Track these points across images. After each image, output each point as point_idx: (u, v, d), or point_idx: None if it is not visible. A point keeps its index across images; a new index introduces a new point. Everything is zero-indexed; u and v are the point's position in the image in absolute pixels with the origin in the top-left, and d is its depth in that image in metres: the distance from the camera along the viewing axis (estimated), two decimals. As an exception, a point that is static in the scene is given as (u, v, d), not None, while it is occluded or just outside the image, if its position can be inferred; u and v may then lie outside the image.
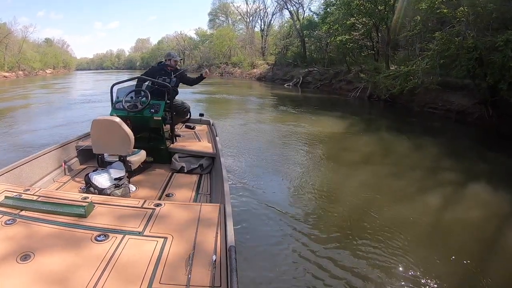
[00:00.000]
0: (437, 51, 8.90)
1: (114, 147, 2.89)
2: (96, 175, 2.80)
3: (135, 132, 2.99)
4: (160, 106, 3.64)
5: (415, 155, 6.17)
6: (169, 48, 63.86)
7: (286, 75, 26.00)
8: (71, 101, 14.27)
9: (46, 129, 7.99)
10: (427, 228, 3.42)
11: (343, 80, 18.22)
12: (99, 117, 2.89)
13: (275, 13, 40.52)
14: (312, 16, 30.38)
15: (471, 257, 2.88)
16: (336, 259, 2.84)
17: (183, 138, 4.36)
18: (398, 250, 2.94)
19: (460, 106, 9.78)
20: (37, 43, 54.85)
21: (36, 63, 46.14)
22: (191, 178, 3.51)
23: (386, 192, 4.33)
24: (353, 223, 3.47)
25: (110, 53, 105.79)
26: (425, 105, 11.13)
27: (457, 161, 5.70)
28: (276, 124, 8.99)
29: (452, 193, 4.37)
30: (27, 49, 44.23)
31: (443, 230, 3.39)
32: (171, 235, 1.81)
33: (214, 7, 52.62)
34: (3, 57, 36.81)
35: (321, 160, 5.80)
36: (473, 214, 3.74)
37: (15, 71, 39.11)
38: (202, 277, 1.49)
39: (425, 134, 7.71)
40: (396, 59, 15.08)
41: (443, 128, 8.93)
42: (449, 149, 6.52)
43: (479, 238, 3.25)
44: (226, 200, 2.22)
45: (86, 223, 1.90)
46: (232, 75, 37.36)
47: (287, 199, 4.17)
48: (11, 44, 39.11)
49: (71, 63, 69.75)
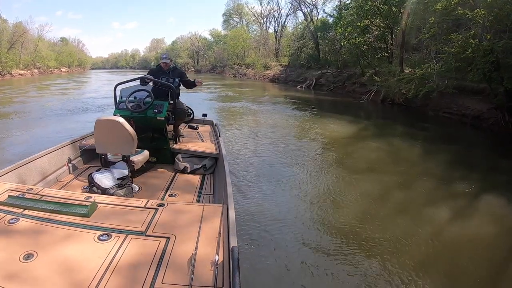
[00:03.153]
0: (452, 54, 8.67)
1: (117, 147, 2.89)
2: (99, 174, 2.82)
3: (138, 132, 3.00)
4: (164, 106, 3.64)
5: (428, 163, 5.94)
6: (183, 48, 64.55)
7: (299, 77, 25.90)
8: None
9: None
10: (436, 244, 3.22)
11: (356, 82, 18.07)
12: (103, 117, 2.90)
13: (289, 15, 40.42)
14: (326, 18, 30.20)
15: (481, 278, 2.72)
16: (337, 265, 2.83)
17: (186, 139, 4.38)
18: (403, 269, 2.79)
19: (476, 111, 9.58)
20: (53, 42, 55.92)
21: (51, 61, 47.08)
22: (194, 179, 3.51)
23: (395, 203, 4.21)
24: (357, 233, 3.38)
25: (125, 53, 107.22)
26: (439, 110, 10.92)
27: (471, 170, 5.48)
28: (286, 127, 9.00)
29: (464, 206, 4.15)
30: (42, 47, 45.03)
31: (452, 247, 3.19)
32: (173, 235, 1.82)
33: (228, 8, 52.95)
34: (18, 55, 37.51)
35: (329, 165, 5.73)
36: (486, 230, 3.52)
37: (31, 69, 39.93)
38: (204, 277, 1.48)
39: (439, 141, 7.57)
40: (411, 62, 14.84)
41: (458, 134, 8.74)
42: (464, 157, 6.36)
43: (491, 257, 3.04)
44: (229, 200, 2.21)
45: (89, 222, 1.90)
46: (245, 76, 37.42)
47: (290, 202, 4.14)
48: (26, 43, 39.82)
49: (86, 62, 70.81)
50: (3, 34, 36.32)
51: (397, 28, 15.02)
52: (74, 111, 11.08)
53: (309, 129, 8.47)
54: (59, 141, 3.85)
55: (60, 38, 63.57)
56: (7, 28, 38.09)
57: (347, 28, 16.12)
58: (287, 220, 3.61)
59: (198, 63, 59.54)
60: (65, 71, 51.59)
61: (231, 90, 19.94)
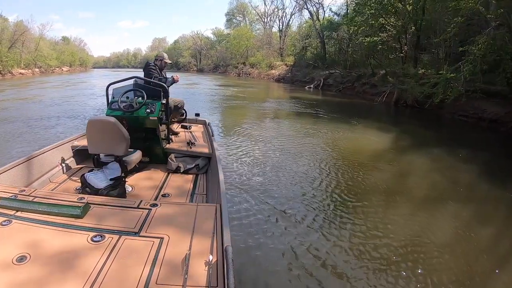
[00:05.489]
0: (479, 56, 8.29)
1: (110, 147, 2.87)
2: (92, 175, 2.83)
3: (131, 132, 2.97)
4: (156, 106, 3.61)
5: (449, 176, 5.26)
6: (185, 47, 64.27)
7: (305, 77, 25.56)
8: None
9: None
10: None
11: (366, 83, 17.71)
12: (95, 117, 2.91)
13: (294, 13, 40.14)
14: (333, 16, 29.88)
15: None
16: (334, 263, 2.81)
17: (179, 138, 4.40)
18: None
19: (493, 115, 9.20)
20: (54, 41, 55.72)
21: (53, 60, 46.77)
22: (187, 178, 3.54)
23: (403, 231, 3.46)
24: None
25: (127, 52, 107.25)
26: (455, 113, 10.51)
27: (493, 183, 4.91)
28: (293, 130, 8.54)
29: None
30: (44, 46, 44.78)
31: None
32: (167, 236, 1.82)
33: (232, 7, 52.60)
34: (19, 54, 37.20)
35: (330, 172, 5.17)
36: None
37: (31, 68, 39.60)
38: (198, 277, 1.49)
39: (462, 146, 6.98)
40: (425, 62, 14.52)
41: (487, 140, 8.26)
42: (489, 167, 5.77)
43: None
44: (222, 200, 2.23)
45: (82, 223, 1.89)
46: (249, 75, 37.05)
47: (284, 200, 4.06)
48: (27, 42, 39.61)
49: (87, 61, 70.75)
50: (4, 33, 36.08)
51: (411, 27, 14.68)
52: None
53: (317, 134, 7.96)
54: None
55: (62, 37, 63.66)
56: (8, 27, 37.83)
57: (361, 26, 15.69)
58: (283, 218, 3.58)
59: (200, 63, 59.21)
60: (66, 70, 51.24)
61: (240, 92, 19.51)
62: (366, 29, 15.53)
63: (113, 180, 2.78)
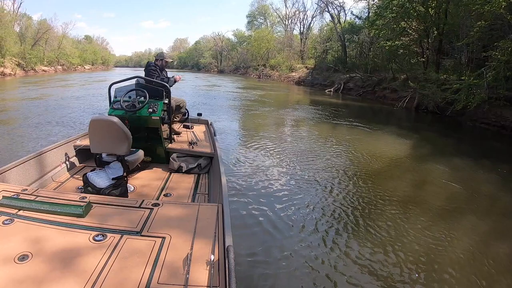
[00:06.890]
0: (504, 62, 8.10)
1: (112, 146, 2.87)
2: (94, 175, 2.83)
3: (133, 132, 2.98)
4: (158, 105, 3.62)
5: (469, 187, 5.09)
6: (206, 48, 65.03)
7: (326, 80, 25.48)
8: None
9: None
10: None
11: (387, 88, 17.51)
12: (97, 117, 2.89)
13: (315, 16, 39.90)
14: (354, 19, 29.61)
15: None
16: (335, 264, 2.84)
17: (181, 138, 4.39)
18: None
19: (515, 123, 9.00)
20: (77, 39, 57.20)
21: (75, 59, 47.84)
22: (189, 178, 3.53)
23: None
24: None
25: (149, 52, 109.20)
26: (477, 120, 10.35)
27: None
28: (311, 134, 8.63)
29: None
30: (66, 45, 45.84)
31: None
32: (169, 235, 1.83)
33: (253, 8, 52.84)
34: (42, 52, 38.22)
35: (343, 178, 5.14)
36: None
37: (54, 66, 40.73)
38: (200, 277, 1.49)
39: (483, 156, 6.89)
40: (447, 67, 14.21)
41: (499, 147, 8.07)
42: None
43: None
44: (224, 200, 2.23)
45: (84, 223, 1.90)
46: (269, 78, 37.16)
47: (286, 201, 4.08)
48: (51, 40, 40.68)
49: (109, 60, 72.01)
50: (27, 31, 37.28)
51: (433, 31, 14.41)
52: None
53: (334, 138, 8.01)
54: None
55: (84, 36, 65.54)
56: (32, 25, 39.09)
57: (382, 30, 15.49)
58: (284, 218, 3.61)
59: (221, 64, 59.82)
60: (88, 69, 52.42)
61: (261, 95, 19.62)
62: (387, 33, 15.30)
63: (115, 180, 2.80)
